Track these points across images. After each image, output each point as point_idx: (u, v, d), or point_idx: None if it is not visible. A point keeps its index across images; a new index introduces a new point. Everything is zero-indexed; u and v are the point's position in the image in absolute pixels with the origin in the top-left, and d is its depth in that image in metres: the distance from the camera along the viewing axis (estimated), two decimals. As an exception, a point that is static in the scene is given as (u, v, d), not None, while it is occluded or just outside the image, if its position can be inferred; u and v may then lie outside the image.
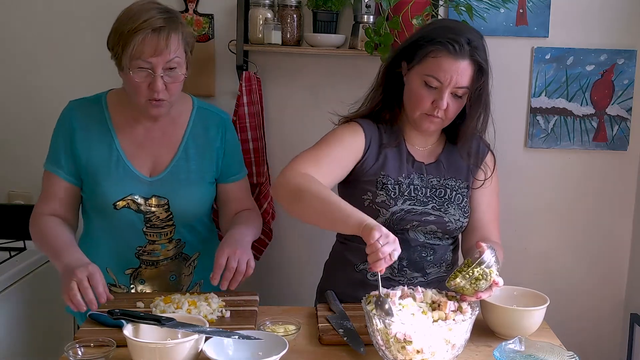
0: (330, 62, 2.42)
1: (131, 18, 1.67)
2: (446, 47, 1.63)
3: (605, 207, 2.50)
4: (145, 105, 1.73)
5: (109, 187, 1.78)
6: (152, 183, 1.81)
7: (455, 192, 1.79)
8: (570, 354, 1.41)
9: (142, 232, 1.83)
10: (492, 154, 1.86)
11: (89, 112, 1.82)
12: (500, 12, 2.33)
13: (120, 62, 1.70)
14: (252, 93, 2.33)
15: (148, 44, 1.66)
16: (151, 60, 1.67)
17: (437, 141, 1.83)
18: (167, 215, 1.83)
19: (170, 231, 1.86)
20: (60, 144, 1.82)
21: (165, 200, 1.82)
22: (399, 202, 1.74)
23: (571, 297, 2.52)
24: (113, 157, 1.80)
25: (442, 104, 1.66)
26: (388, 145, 1.77)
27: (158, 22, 1.66)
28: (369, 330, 1.40)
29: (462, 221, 1.78)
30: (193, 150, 1.85)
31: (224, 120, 1.92)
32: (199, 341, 1.36)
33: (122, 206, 1.79)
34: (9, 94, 2.48)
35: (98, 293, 1.55)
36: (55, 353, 1.70)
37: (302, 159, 1.67)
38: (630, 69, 2.39)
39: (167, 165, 1.83)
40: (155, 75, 1.68)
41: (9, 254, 2.24)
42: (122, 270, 1.87)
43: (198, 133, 1.87)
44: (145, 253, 1.86)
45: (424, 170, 1.79)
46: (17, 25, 2.43)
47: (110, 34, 1.73)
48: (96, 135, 1.80)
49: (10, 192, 2.53)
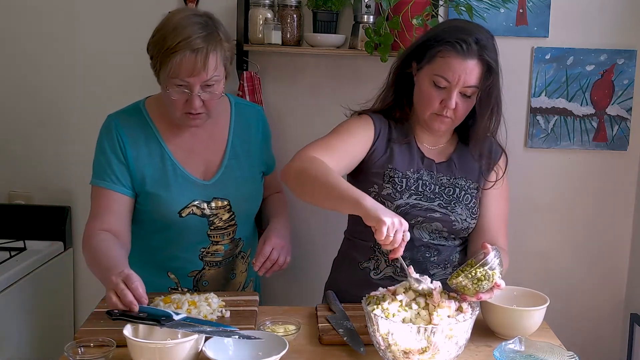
0: (330, 62, 2.42)
1: (170, 34, 1.64)
2: (454, 46, 1.64)
3: (605, 207, 2.50)
4: (182, 118, 1.73)
5: (171, 197, 1.77)
6: (209, 186, 1.82)
7: (465, 192, 1.78)
8: (570, 354, 1.41)
9: (207, 234, 1.84)
10: (505, 156, 1.85)
11: (133, 124, 1.79)
12: (500, 12, 2.33)
13: (159, 77, 1.70)
14: (252, 93, 2.33)
15: (185, 65, 1.63)
16: (188, 80, 1.65)
17: (448, 141, 1.83)
18: (229, 216, 1.85)
19: (232, 231, 1.87)
20: (112, 158, 1.76)
21: (226, 201, 1.83)
22: (404, 195, 1.74)
23: (571, 297, 2.52)
24: (168, 167, 1.79)
25: (451, 103, 1.66)
26: (397, 141, 1.78)
27: (197, 43, 1.63)
28: (369, 331, 1.40)
29: (469, 222, 1.78)
30: (239, 147, 1.87)
31: (261, 115, 1.96)
32: (199, 341, 1.36)
33: (187, 213, 1.79)
34: (9, 93, 2.48)
35: (138, 295, 1.45)
36: (55, 353, 1.70)
37: (313, 146, 1.68)
38: (630, 69, 2.39)
39: (219, 166, 1.84)
40: (192, 95, 1.67)
41: (9, 254, 2.24)
42: (185, 273, 1.87)
43: (241, 130, 1.89)
44: (209, 254, 1.87)
45: (435, 168, 1.79)
46: (17, 25, 2.43)
47: (149, 43, 1.71)
48: (145, 147, 1.78)
49: (11, 192, 2.53)
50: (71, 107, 2.47)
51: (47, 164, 2.51)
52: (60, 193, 2.50)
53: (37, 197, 2.52)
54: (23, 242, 2.35)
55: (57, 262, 2.41)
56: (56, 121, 2.48)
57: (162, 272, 1.85)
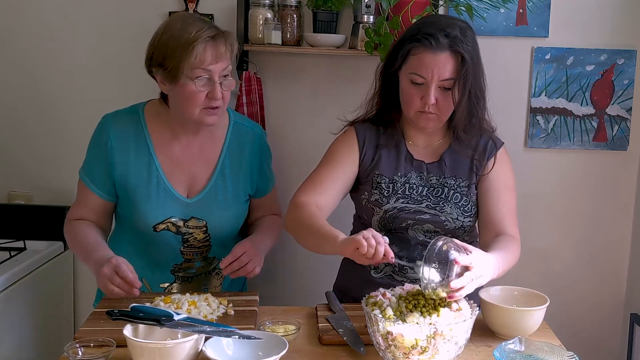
0: (330, 62, 2.42)
1: (181, 30, 1.68)
2: (422, 42, 1.66)
3: (605, 207, 2.50)
4: (199, 115, 1.73)
5: (149, 210, 1.78)
6: (190, 205, 1.82)
7: (454, 191, 1.78)
8: (570, 354, 1.41)
9: (180, 251, 1.85)
10: (504, 151, 1.83)
11: (126, 127, 1.80)
12: (500, 12, 2.33)
13: (176, 74, 1.69)
14: (252, 93, 2.33)
15: (210, 52, 1.68)
16: (211, 67, 1.69)
17: (442, 140, 1.83)
18: (205, 237, 1.85)
19: (206, 250, 1.88)
20: (95, 159, 1.81)
21: (203, 222, 1.83)
22: (391, 200, 1.75)
23: (571, 297, 2.52)
24: (153, 178, 1.79)
25: (430, 99, 1.67)
26: (385, 146, 1.80)
27: (212, 31, 1.69)
28: (369, 331, 1.40)
29: (462, 220, 1.78)
30: (229, 169, 1.86)
31: (258, 137, 1.93)
32: (199, 341, 1.36)
33: (161, 229, 1.80)
34: (10, 94, 2.48)
35: (130, 281, 1.61)
36: (55, 353, 1.70)
37: (304, 188, 1.75)
38: (630, 69, 2.39)
39: (205, 185, 1.83)
40: (215, 83, 1.70)
41: (9, 254, 2.24)
42: (156, 283, 1.88)
43: (234, 150, 1.87)
44: (181, 270, 1.88)
45: (425, 169, 1.79)
46: (17, 25, 2.43)
47: (153, 50, 1.73)
48: (134, 152, 1.79)
49: (10, 192, 2.53)
50: (71, 107, 2.47)
51: (47, 164, 2.51)
52: (60, 193, 2.50)
53: (37, 197, 2.52)
54: (23, 242, 2.35)
55: (57, 262, 2.41)
56: (56, 121, 2.48)
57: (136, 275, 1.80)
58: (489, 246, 1.65)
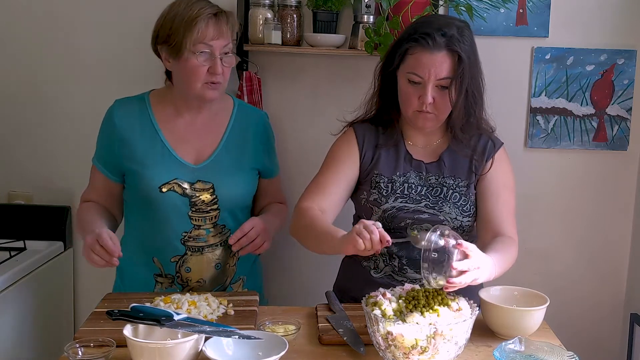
0: (330, 62, 2.42)
1: (185, 9, 1.78)
2: (419, 42, 1.67)
3: (605, 207, 2.50)
4: (201, 89, 1.81)
5: (154, 172, 1.85)
6: (196, 170, 1.88)
7: (453, 190, 1.79)
8: (570, 354, 1.41)
9: (188, 216, 1.87)
10: (503, 151, 1.84)
11: (131, 109, 1.90)
12: (500, 12, 2.33)
13: (180, 49, 1.78)
14: (252, 93, 2.33)
15: (212, 28, 1.78)
16: (212, 43, 1.78)
17: (441, 140, 1.83)
18: (212, 199, 1.88)
19: (215, 215, 1.90)
20: (104, 141, 1.92)
21: (210, 184, 1.87)
22: (390, 199, 1.76)
23: (571, 297, 2.51)
24: (157, 148, 1.87)
25: (427, 98, 1.68)
26: (384, 146, 1.81)
27: (214, 9, 1.80)
28: (369, 331, 1.40)
29: (461, 220, 1.78)
30: (234, 144, 1.92)
31: (262, 118, 2.02)
32: (199, 341, 1.36)
33: (167, 189, 1.84)
34: (10, 94, 2.48)
35: (110, 250, 1.67)
36: (55, 353, 1.70)
37: (308, 193, 1.79)
38: (630, 69, 2.39)
39: (210, 155, 1.89)
40: (215, 58, 1.79)
41: (9, 254, 2.24)
42: (168, 258, 1.90)
43: (239, 129, 1.95)
44: (191, 239, 1.89)
45: (424, 169, 1.80)
46: (17, 25, 2.43)
47: (159, 27, 1.83)
48: (139, 130, 1.88)
49: (10, 192, 2.53)
50: (71, 107, 2.47)
51: (47, 164, 2.50)
52: (60, 193, 2.50)
53: (37, 197, 2.52)
54: (23, 242, 2.35)
55: (57, 262, 2.41)
56: (56, 121, 2.48)
57: (148, 258, 1.91)
58: (487, 247, 1.65)
